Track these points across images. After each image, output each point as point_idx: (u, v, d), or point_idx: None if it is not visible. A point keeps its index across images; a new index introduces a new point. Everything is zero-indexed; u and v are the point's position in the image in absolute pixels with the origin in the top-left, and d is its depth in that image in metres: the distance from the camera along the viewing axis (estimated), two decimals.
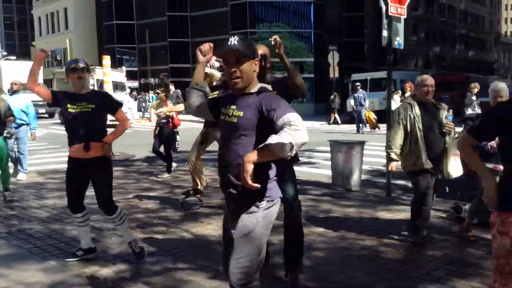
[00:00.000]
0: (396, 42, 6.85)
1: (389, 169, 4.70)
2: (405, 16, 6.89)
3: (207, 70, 5.52)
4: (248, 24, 37.91)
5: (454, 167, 4.47)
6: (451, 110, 5.00)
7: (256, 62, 2.41)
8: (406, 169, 4.52)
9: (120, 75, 24.24)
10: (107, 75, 21.01)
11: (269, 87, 2.47)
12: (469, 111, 10.86)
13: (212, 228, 5.08)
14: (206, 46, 2.64)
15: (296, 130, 2.16)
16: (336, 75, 22.57)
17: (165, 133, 8.63)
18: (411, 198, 4.72)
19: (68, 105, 3.87)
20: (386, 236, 4.75)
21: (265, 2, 38.20)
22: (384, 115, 7.66)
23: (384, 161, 6.67)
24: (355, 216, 5.57)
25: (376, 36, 29.77)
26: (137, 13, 45.69)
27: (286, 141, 2.12)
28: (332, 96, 21.98)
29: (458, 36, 59.85)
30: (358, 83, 18.90)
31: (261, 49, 3.29)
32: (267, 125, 2.28)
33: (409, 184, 7.64)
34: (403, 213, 5.67)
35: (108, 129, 4.06)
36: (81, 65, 3.88)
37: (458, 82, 30.55)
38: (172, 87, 21.79)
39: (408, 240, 4.58)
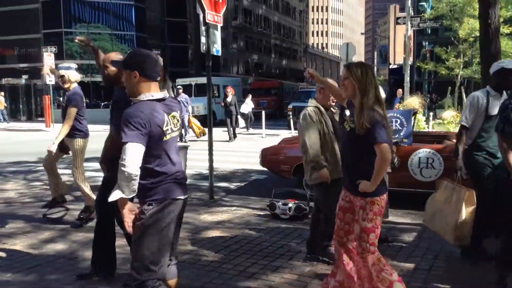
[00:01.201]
0: (214, 49, 7.06)
1: (326, 180, 3.89)
2: (222, 24, 7.15)
3: None
4: (63, 23, 35.24)
5: None
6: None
7: (135, 75, 2.55)
8: (317, 180, 3.97)
9: None
10: None
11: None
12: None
13: (17, 250, 4.50)
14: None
15: (121, 176, 2.42)
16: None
17: None
18: (230, 199, 4.81)
19: None
20: (208, 239, 4.85)
21: (81, 1, 35.98)
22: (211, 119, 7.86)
23: (207, 164, 6.84)
24: None
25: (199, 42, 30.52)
26: None
27: (120, 194, 2.43)
28: None
29: (273, 45, 65.28)
30: (179, 86, 18.78)
31: None
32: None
33: (231, 186, 7.99)
34: (225, 214, 5.87)
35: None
36: None
37: (274, 87, 33.53)
38: None
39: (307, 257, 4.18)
